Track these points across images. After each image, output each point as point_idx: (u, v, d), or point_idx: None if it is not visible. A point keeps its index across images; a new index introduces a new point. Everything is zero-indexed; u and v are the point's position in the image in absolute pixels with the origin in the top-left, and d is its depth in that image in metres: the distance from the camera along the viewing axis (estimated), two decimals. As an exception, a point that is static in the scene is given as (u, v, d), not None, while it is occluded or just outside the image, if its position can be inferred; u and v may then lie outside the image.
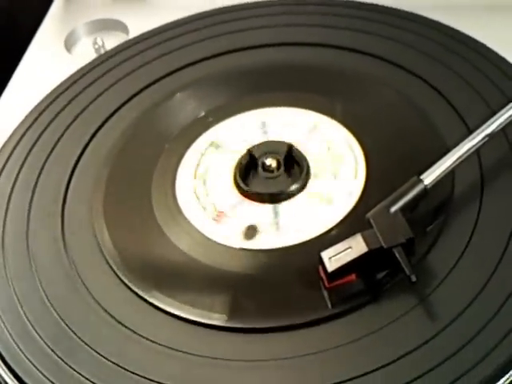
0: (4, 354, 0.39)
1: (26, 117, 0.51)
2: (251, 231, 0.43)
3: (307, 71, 0.51)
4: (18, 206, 0.46)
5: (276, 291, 0.40)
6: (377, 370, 0.36)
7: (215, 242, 0.43)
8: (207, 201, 0.45)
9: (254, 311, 0.39)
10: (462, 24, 0.52)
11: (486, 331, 0.36)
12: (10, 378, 0.38)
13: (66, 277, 0.42)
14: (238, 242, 0.43)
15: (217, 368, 0.37)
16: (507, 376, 0.36)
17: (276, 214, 0.44)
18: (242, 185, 0.45)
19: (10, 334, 0.40)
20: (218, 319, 0.39)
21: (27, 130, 0.50)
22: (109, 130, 0.50)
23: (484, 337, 0.36)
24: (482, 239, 0.40)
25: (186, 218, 0.44)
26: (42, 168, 0.48)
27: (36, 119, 0.51)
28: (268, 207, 0.44)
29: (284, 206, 0.44)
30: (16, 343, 0.39)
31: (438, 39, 0.52)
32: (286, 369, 0.37)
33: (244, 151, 0.47)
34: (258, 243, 0.43)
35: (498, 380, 0.35)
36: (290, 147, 0.46)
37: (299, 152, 0.46)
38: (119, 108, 0.51)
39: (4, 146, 0.50)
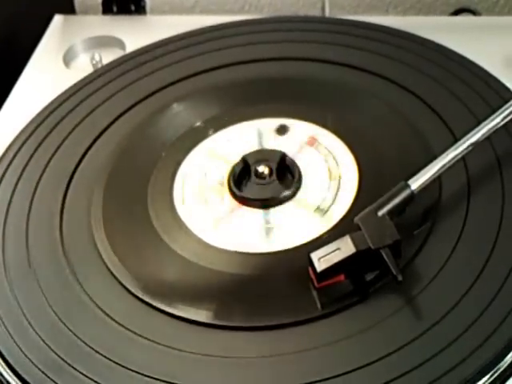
0: (4, 352, 0.40)
1: (25, 127, 0.52)
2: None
3: (302, 84, 0.53)
4: (17, 214, 0.47)
5: (267, 292, 0.41)
6: (364, 367, 0.37)
7: (210, 244, 0.44)
8: (203, 205, 0.46)
9: (246, 311, 0.40)
10: (449, 40, 0.54)
11: (470, 332, 0.37)
12: (10, 376, 0.39)
13: (64, 279, 0.43)
14: (231, 244, 0.44)
15: (208, 365, 0.38)
16: (488, 376, 0.37)
17: (266, 219, 0.45)
18: (235, 190, 0.46)
19: (10, 334, 0.40)
20: (209, 317, 0.40)
21: (26, 140, 0.51)
22: (105, 140, 0.51)
23: (468, 337, 0.37)
24: (468, 243, 0.41)
25: (180, 220, 0.45)
26: (41, 177, 0.49)
27: (35, 130, 0.52)
28: (259, 212, 0.45)
29: (274, 213, 0.45)
30: (16, 342, 0.40)
31: (427, 55, 0.53)
32: (275, 366, 0.38)
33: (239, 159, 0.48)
34: (248, 247, 0.44)
35: (480, 379, 0.36)
36: (283, 156, 0.47)
37: (292, 161, 0.47)
38: (116, 119, 0.52)
39: (3, 156, 0.51)
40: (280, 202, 0.46)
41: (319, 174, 0.47)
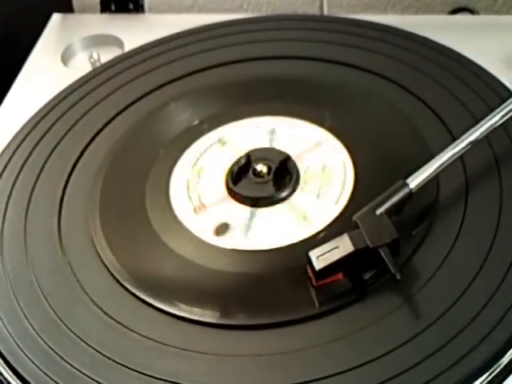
0: (3, 351, 0.40)
1: (24, 126, 0.52)
2: (223, 228, 0.44)
3: (300, 83, 0.53)
4: (16, 213, 0.47)
5: (265, 290, 0.41)
6: (362, 365, 0.37)
7: (207, 243, 0.44)
8: (195, 194, 0.47)
9: (243, 309, 0.40)
10: (447, 38, 0.54)
11: (468, 330, 0.37)
12: (10, 375, 0.39)
13: (62, 277, 0.43)
14: (229, 242, 0.44)
15: (207, 363, 0.38)
16: (486, 375, 0.37)
17: (251, 217, 0.45)
18: (229, 183, 0.46)
19: (9, 333, 0.40)
20: (207, 316, 0.40)
21: (24, 138, 0.51)
22: (103, 138, 0.51)
23: (467, 336, 0.37)
24: (466, 241, 0.41)
25: (176, 217, 0.46)
26: (39, 175, 0.49)
27: (33, 128, 0.52)
28: (246, 209, 0.45)
29: (261, 212, 0.45)
30: (15, 341, 0.40)
31: (426, 54, 0.53)
32: (273, 365, 0.38)
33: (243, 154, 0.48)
34: (243, 245, 0.44)
35: (478, 378, 0.36)
36: (287, 158, 0.47)
37: (294, 164, 0.47)
38: (114, 118, 0.52)
39: (1, 154, 0.51)
40: (270, 203, 0.46)
41: (318, 181, 0.47)
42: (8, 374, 0.39)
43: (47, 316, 0.41)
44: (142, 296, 0.41)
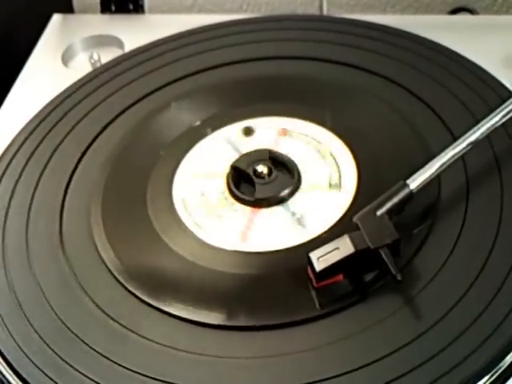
0: (4, 352, 0.40)
1: (25, 127, 0.52)
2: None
3: (300, 83, 0.53)
4: (17, 214, 0.47)
5: (266, 292, 0.41)
6: (363, 367, 0.37)
7: (208, 244, 0.44)
8: (201, 202, 0.47)
9: (244, 311, 0.40)
10: (447, 38, 0.54)
11: (470, 332, 0.37)
12: (11, 375, 0.39)
13: (64, 278, 0.43)
14: (230, 243, 0.44)
15: (207, 365, 0.38)
16: (488, 376, 0.37)
17: (253, 218, 0.45)
18: (231, 184, 0.46)
19: (11, 334, 0.40)
20: (208, 317, 0.40)
21: (25, 140, 0.51)
22: (104, 139, 0.51)
23: (468, 337, 0.37)
24: (467, 242, 0.41)
25: (177, 218, 0.46)
26: (40, 176, 0.49)
27: (34, 129, 0.52)
28: (248, 210, 0.45)
29: (262, 213, 0.45)
30: (16, 342, 0.40)
31: (425, 54, 0.53)
32: (273, 366, 0.38)
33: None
34: (248, 246, 0.44)
35: (480, 379, 0.36)
36: (287, 159, 0.47)
37: (281, 154, 0.47)
38: (115, 119, 0.52)
39: (2, 155, 0.51)
40: (270, 204, 0.45)
41: (310, 158, 0.47)
42: (10, 376, 0.39)
43: (48, 317, 0.41)
44: (143, 297, 0.41)
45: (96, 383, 0.38)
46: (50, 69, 0.60)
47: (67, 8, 0.71)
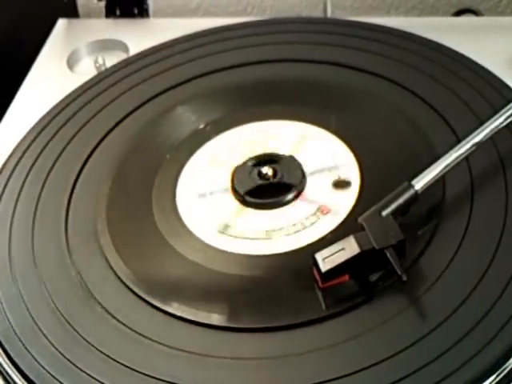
0: (10, 352, 0.40)
1: (30, 130, 0.53)
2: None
3: (304, 86, 0.53)
4: (23, 216, 0.47)
5: (272, 293, 0.41)
6: (368, 368, 0.37)
7: (213, 246, 0.44)
8: (206, 207, 0.47)
9: (250, 312, 0.40)
10: (451, 40, 0.54)
11: (474, 333, 0.37)
12: (16, 375, 0.39)
13: (70, 280, 0.43)
14: (234, 247, 0.44)
15: (211, 366, 0.38)
16: (494, 376, 0.37)
17: (270, 221, 0.45)
18: (239, 192, 0.47)
19: (16, 334, 0.41)
20: (213, 319, 0.40)
21: (31, 143, 0.52)
22: (109, 143, 0.51)
23: (474, 337, 0.37)
24: (472, 243, 0.41)
25: (182, 222, 0.46)
26: (46, 179, 0.49)
27: (39, 133, 0.52)
28: (250, 211, 0.46)
29: (267, 214, 0.46)
30: (22, 342, 0.40)
31: (430, 56, 0.53)
32: (279, 368, 0.38)
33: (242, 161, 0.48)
34: (251, 249, 0.44)
35: (485, 380, 0.36)
36: (287, 158, 0.48)
37: (299, 166, 0.47)
38: (120, 122, 0.52)
39: (8, 159, 0.51)
40: (283, 204, 0.46)
41: (323, 182, 0.47)
42: (16, 377, 0.39)
43: (55, 319, 0.41)
44: (147, 298, 0.41)
45: (100, 383, 0.38)
46: (56, 73, 0.60)
47: (72, 13, 0.71)
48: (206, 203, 0.47)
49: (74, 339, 0.40)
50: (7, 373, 0.40)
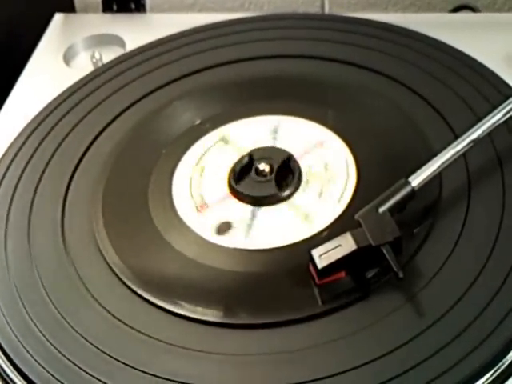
0: (8, 351, 0.40)
1: (27, 125, 0.52)
2: (225, 227, 0.44)
3: (302, 82, 0.53)
4: (19, 213, 0.47)
5: (268, 289, 0.41)
6: (365, 364, 0.37)
7: (210, 242, 0.44)
8: (204, 203, 0.47)
9: (246, 308, 0.40)
10: (448, 37, 0.54)
11: (471, 329, 0.37)
12: (15, 374, 0.39)
13: (66, 276, 0.43)
14: (232, 242, 0.44)
15: (209, 362, 0.38)
16: (489, 374, 0.37)
17: (253, 216, 0.45)
18: (232, 182, 0.47)
19: (14, 333, 0.40)
20: (210, 316, 0.40)
21: (27, 139, 0.52)
22: (106, 138, 0.51)
23: (470, 335, 0.37)
24: (469, 240, 0.42)
25: (179, 217, 0.46)
26: (42, 175, 0.49)
27: (35, 129, 0.52)
28: (248, 208, 0.46)
29: (263, 211, 0.45)
30: (20, 341, 0.40)
31: (427, 52, 0.53)
32: (276, 364, 0.38)
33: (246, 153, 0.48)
34: (246, 244, 0.44)
35: (479, 379, 0.36)
36: (289, 157, 0.47)
37: (296, 163, 0.47)
38: (116, 117, 0.52)
39: (4, 154, 0.51)
40: (272, 202, 0.46)
41: (320, 179, 0.47)
42: (13, 374, 0.39)
43: (51, 315, 0.41)
44: (145, 295, 0.41)
45: (101, 382, 0.38)
46: (52, 68, 0.60)
47: (69, 7, 0.71)
48: (203, 198, 0.47)
49: (71, 336, 0.40)
50: (5, 371, 0.40)
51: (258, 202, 0.46)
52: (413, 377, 0.36)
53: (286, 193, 0.46)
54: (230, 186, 0.47)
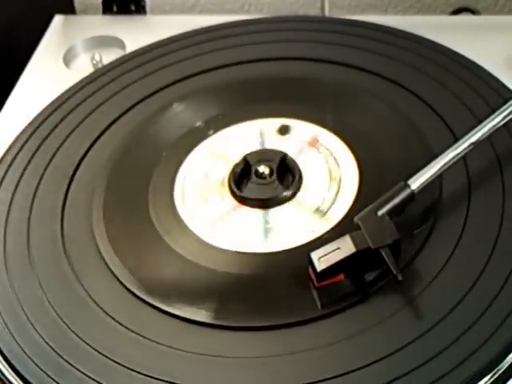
0: (5, 352, 0.40)
1: (26, 127, 0.52)
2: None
3: (302, 84, 0.53)
4: (19, 214, 0.47)
5: (267, 292, 0.41)
6: (364, 367, 0.37)
7: (210, 244, 0.44)
8: (203, 205, 0.47)
9: (245, 311, 0.40)
10: (448, 39, 0.54)
11: (471, 332, 0.37)
12: (12, 376, 0.39)
13: (66, 280, 0.43)
14: (230, 244, 0.44)
15: (207, 364, 0.38)
16: (489, 377, 0.37)
17: (266, 220, 0.45)
18: (235, 190, 0.46)
19: (11, 334, 0.40)
20: (209, 317, 0.40)
21: (27, 140, 0.51)
22: (106, 140, 0.51)
23: (469, 338, 0.37)
24: (469, 243, 0.41)
25: (180, 220, 0.46)
26: (42, 176, 0.49)
27: (36, 129, 0.52)
28: (259, 212, 0.45)
29: (273, 213, 0.45)
30: (17, 342, 0.40)
31: (427, 55, 0.53)
32: (274, 366, 0.38)
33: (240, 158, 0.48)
34: (248, 247, 0.44)
35: (480, 380, 0.36)
36: (284, 156, 0.47)
37: (293, 161, 0.47)
38: (117, 119, 0.52)
39: (4, 155, 0.51)
40: (280, 202, 0.46)
41: (320, 175, 0.47)
42: (14, 379, 0.39)
43: (52, 320, 0.41)
44: (146, 298, 0.41)
45: (97, 383, 0.38)
46: (52, 70, 0.60)
47: (69, 9, 0.71)
48: (204, 200, 0.47)
49: (70, 339, 0.40)
50: (2, 372, 0.40)
51: (266, 204, 0.46)
52: (412, 380, 0.36)
53: (292, 191, 0.46)
54: (230, 188, 0.47)
